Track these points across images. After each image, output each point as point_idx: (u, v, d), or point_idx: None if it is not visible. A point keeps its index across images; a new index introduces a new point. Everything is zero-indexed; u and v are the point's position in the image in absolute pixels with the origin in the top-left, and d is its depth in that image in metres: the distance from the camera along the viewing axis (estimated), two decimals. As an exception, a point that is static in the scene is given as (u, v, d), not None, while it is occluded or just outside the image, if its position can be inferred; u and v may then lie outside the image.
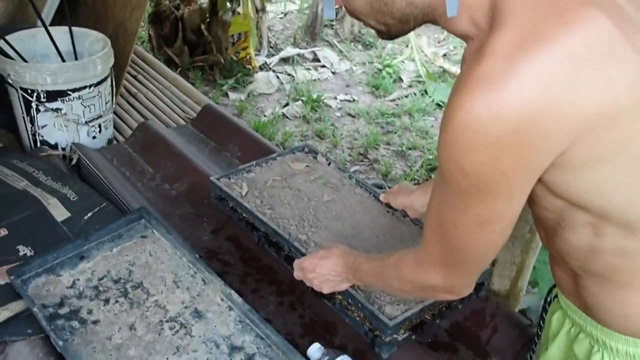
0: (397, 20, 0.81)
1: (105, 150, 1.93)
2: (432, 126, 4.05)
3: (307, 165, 1.67)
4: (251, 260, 1.49)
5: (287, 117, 3.96)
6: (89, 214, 1.51)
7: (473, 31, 0.76)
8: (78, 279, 1.29)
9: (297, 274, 1.25)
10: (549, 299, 1.07)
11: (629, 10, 0.72)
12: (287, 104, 4.11)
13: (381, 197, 1.52)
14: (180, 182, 1.76)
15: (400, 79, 4.68)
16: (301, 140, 3.69)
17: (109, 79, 1.94)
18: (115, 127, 2.17)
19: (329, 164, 1.69)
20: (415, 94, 4.43)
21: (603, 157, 0.69)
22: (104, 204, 1.56)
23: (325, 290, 1.21)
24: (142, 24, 4.09)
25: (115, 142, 2.08)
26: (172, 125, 2.21)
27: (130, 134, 2.06)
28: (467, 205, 0.74)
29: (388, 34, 0.85)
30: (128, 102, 2.44)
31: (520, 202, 0.74)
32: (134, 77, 2.65)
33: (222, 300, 1.28)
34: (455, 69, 4.83)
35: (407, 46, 5.11)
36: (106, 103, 1.94)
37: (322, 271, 1.18)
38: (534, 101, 0.64)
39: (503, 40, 0.66)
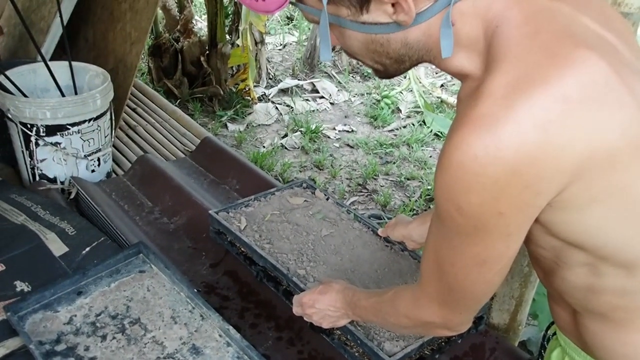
0: (393, 61, 0.81)
1: (104, 183, 1.93)
2: (430, 156, 4.07)
3: (305, 200, 1.67)
4: (250, 294, 1.48)
5: (285, 147, 3.98)
6: (87, 249, 1.51)
7: (468, 71, 0.76)
8: (75, 315, 1.28)
9: (296, 310, 1.25)
10: (547, 335, 1.06)
11: (622, 50, 0.73)
12: (285, 135, 4.13)
13: (379, 232, 1.52)
14: (178, 215, 1.77)
15: (399, 110, 4.71)
16: (300, 171, 3.70)
17: (108, 113, 1.95)
18: (114, 160, 2.18)
19: (327, 199, 1.70)
20: (413, 125, 4.47)
21: (599, 197, 0.69)
22: (102, 239, 1.55)
23: (325, 325, 1.20)
24: (142, 56, 4.14)
25: (114, 175, 2.09)
26: (171, 158, 2.22)
27: (129, 167, 2.07)
28: (465, 245, 0.74)
29: (385, 73, 0.86)
30: (127, 135, 2.45)
31: (518, 242, 0.74)
32: (134, 109, 2.67)
33: (220, 336, 1.27)
34: (453, 100, 4.87)
35: (405, 77, 5.17)
36: (105, 137, 1.96)
37: (321, 306, 1.18)
38: (530, 143, 0.64)
39: (499, 82, 0.67)
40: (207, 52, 4.27)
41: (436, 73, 5.67)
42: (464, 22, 0.73)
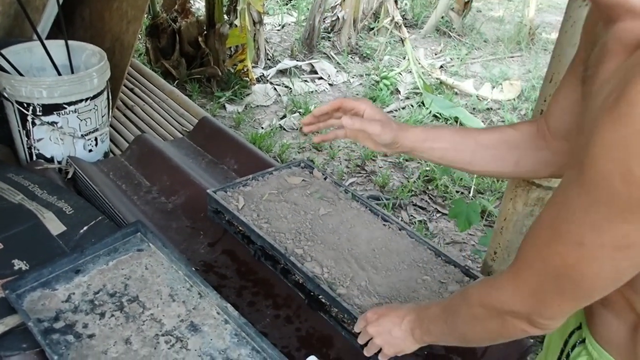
0: None
1: (101, 163, 1.93)
2: (429, 137, 4.06)
3: (303, 180, 1.67)
4: (247, 273, 1.49)
5: (284, 129, 3.97)
6: (85, 228, 1.51)
7: (636, 6, 0.64)
8: (73, 293, 1.29)
9: (359, 326, 1.12)
10: (568, 341, 0.92)
11: None
12: (284, 116, 4.12)
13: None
14: (176, 195, 1.77)
15: (398, 91, 4.70)
16: (298, 153, 3.69)
17: (105, 93, 1.94)
18: (111, 140, 2.17)
19: (325, 179, 1.69)
20: (412, 106, 4.45)
21: None
22: (100, 218, 1.56)
23: (388, 352, 1.05)
24: (139, 36, 4.10)
25: (111, 155, 2.08)
26: (169, 138, 2.21)
27: (127, 147, 2.06)
28: (612, 222, 0.60)
29: None
30: (125, 115, 2.44)
31: None
32: (131, 90, 2.66)
33: (218, 313, 1.28)
34: (452, 81, 4.85)
35: (404, 58, 5.14)
36: (102, 116, 1.95)
37: (386, 323, 1.04)
38: None
39: None
40: (205, 32, 4.24)
41: (435, 54, 5.63)
42: None
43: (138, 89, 2.69)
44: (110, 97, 2.01)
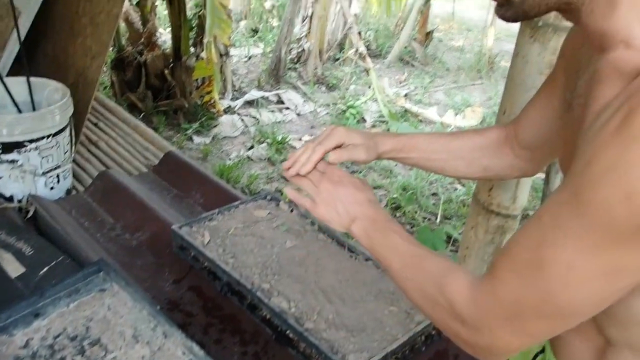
0: None
1: (63, 201, 1.89)
2: (395, 165, 4.10)
3: (269, 212, 1.67)
4: (214, 309, 1.47)
5: (252, 159, 3.97)
6: (45, 269, 1.47)
7: (630, 36, 0.63)
8: (32, 338, 1.25)
9: (311, 174, 0.98)
10: None
11: None
12: (252, 147, 4.13)
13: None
14: (141, 231, 1.74)
15: (364, 120, 4.76)
16: (267, 183, 3.69)
17: (68, 129, 1.92)
18: (74, 176, 2.14)
19: (292, 211, 1.70)
20: (378, 134, 4.51)
21: None
22: (61, 258, 1.52)
23: (320, 211, 0.95)
24: (105, 69, 4.09)
25: (74, 191, 2.05)
26: (133, 173, 2.19)
27: (90, 183, 2.03)
28: (606, 246, 0.58)
29: (517, 8, 0.70)
30: (89, 151, 2.41)
31: None
32: (95, 124, 2.63)
33: (183, 353, 1.25)
34: (417, 109, 4.94)
35: (369, 87, 5.22)
36: (65, 153, 1.92)
37: (341, 195, 0.94)
38: None
39: None
40: (172, 64, 4.24)
41: (400, 83, 5.74)
42: None
43: (103, 123, 2.67)
44: (73, 133, 1.99)
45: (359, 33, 5.51)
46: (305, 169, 0.98)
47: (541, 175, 3.48)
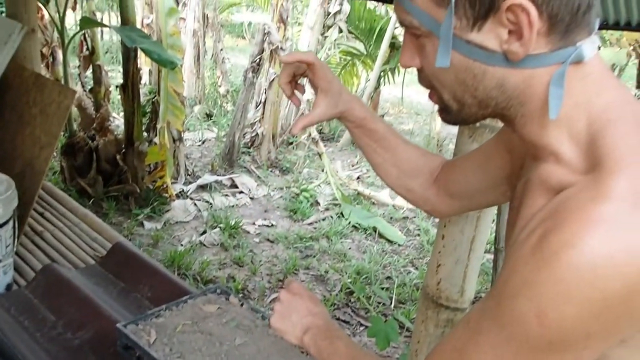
0: (476, 101, 0.70)
1: (2, 297, 1.81)
2: (349, 248, 4.13)
3: (219, 307, 1.64)
4: (159, 414, 1.40)
5: (204, 245, 3.92)
6: (-22, 375, 1.39)
7: (558, 152, 0.66)
8: None
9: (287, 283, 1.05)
10: None
11: None
12: (204, 232, 4.08)
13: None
14: (84, 329, 1.67)
15: (317, 203, 4.81)
16: (219, 269, 3.63)
17: (11, 222, 1.87)
18: (16, 269, 2.05)
19: (242, 305, 1.67)
20: (332, 217, 4.55)
21: None
22: (-4, 362, 1.44)
23: (276, 322, 1.00)
24: (55, 154, 4.04)
25: (15, 286, 1.96)
26: (80, 266, 2.12)
27: (32, 278, 1.96)
28: (522, 358, 0.61)
29: (456, 115, 0.74)
30: (33, 242, 2.34)
31: None
32: (41, 214, 2.56)
33: None
34: (369, 192, 5.04)
35: (322, 171, 5.32)
36: (7, 247, 1.86)
37: (296, 306, 0.99)
38: None
39: (624, 186, 0.57)
40: (124, 150, 4.24)
41: (352, 166, 5.87)
42: (569, 94, 0.65)
43: (49, 212, 2.60)
44: (16, 225, 1.93)
45: (312, 118, 5.66)
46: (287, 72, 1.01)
47: (490, 257, 3.55)
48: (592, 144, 0.63)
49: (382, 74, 6.52)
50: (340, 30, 6.42)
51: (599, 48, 0.68)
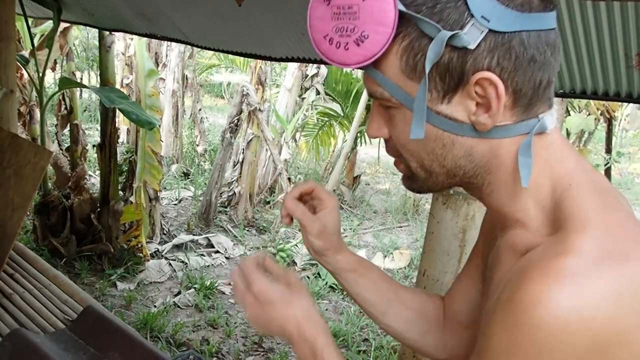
0: (444, 170, 0.71)
1: (-34, 365, 1.75)
2: (326, 309, 4.08)
3: (191, 374, 1.60)
4: None
5: (178, 306, 3.84)
6: None
7: (524, 218, 0.68)
8: None
9: (236, 281, 0.85)
10: None
11: None
12: (179, 293, 4.01)
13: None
14: (50, 399, 1.61)
15: (294, 263, 4.78)
16: (193, 331, 3.55)
17: (-21, 285, 1.83)
18: (-18, 335, 1.99)
19: (215, 371, 1.64)
20: (309, 277, 4.52)
21: None
22: None
23: (254, 324, 0.84)
24: (28, 213, 3.98)
25: (-21, 353, 1.90)
26: (49, 330, 2.07)
27: (-1, 343, 1.90)
28: None
29: (423, 184, 0.75)
30: (1, 305, 2.27)
31: None
32: (11, 275, 2.50)
33: None
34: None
35: (299, 230, 5.30)
36: (-27, 311, 1.81)
37: (273, 315, 0.81)
38: (624, 323, 0.57)
39: (587, 243, 0.60)
40: (99, 209, 4.19)
41: (330, 225, 5.88)
42: (535, 162, 0.67)
43: (19, 274, 2.54)
44: (-16, 289, 1.89)
45: (289, 178, 5.71)
46: (292, 197, 0.95)
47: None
48: (555, 207, 0.66)
49: (358, 134, 6.64)
50: (318, 92, 6.57)
51: (567, 115, 0.72)
